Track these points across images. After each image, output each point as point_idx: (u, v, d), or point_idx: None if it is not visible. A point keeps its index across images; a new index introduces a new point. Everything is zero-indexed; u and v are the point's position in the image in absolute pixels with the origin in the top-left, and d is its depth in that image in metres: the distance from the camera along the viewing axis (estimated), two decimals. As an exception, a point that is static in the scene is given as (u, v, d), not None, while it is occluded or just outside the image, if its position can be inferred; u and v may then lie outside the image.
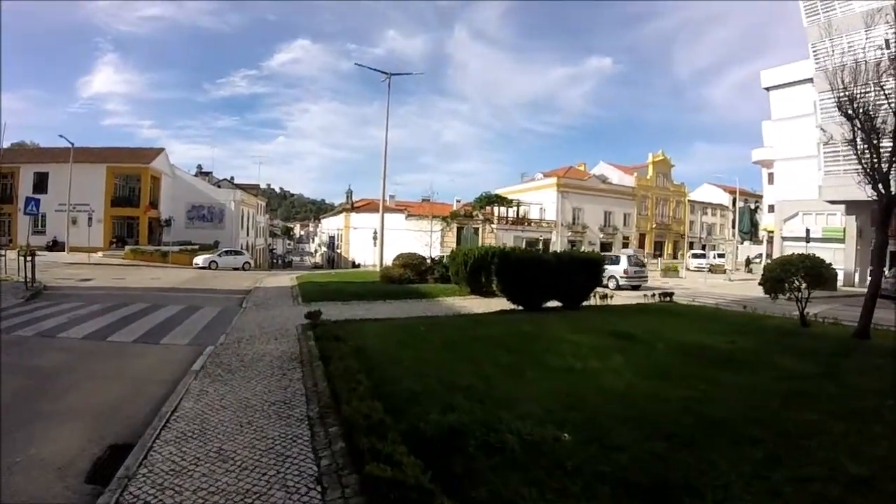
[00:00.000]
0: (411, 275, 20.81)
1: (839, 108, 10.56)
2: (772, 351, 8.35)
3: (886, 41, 25.45)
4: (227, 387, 5.87)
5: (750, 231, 45.13)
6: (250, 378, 6.23)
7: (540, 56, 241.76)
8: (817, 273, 11.57)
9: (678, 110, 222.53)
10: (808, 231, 25.75)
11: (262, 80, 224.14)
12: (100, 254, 31.89)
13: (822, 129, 12.50)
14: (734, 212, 60.23)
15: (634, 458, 3.79)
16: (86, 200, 33.32)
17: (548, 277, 11.93)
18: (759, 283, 12.66)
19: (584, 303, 14.04)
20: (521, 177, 58.80)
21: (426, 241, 38.71)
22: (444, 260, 24.44)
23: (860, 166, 10.19)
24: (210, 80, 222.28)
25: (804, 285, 11.45)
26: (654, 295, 16.46)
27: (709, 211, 62.23)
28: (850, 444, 4.22)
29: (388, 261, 32.40)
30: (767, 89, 37.66)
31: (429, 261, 22.84)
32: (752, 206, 51.71)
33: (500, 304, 14.74)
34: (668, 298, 16.28)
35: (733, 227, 57.78)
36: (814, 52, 28.72)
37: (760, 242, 49.28)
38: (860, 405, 5.34)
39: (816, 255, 12.21)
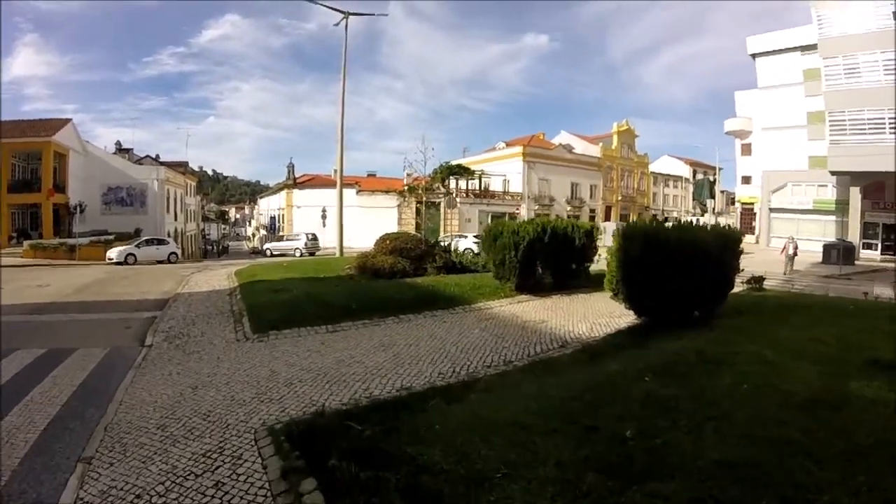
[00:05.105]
0: (406, 265, 15.64)
1: None
2: None
3: (894, 12, 23.13)
4: None
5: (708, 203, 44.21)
6: None
7: (476, 33, 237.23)
8: None
9: (613, 88, 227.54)
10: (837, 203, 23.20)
11: (190, 58, 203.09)
12: (-6, 253, 24.53)
13: None
14: (694, 183, 59.82)
15: None
16: (-25, 186, 25.63)
17: (702, 271, 7.43)
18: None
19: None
20: (464, 151, 54.65)
21: (382, 217, 33.49)
22: (466, 241, 21.20)
23: None
24: (136, 59, 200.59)
25: None
26: (746, 281, 12.87)
27: (670, 183, 61.32)
28: None
29: (347, 242, 27.11)
30: (754, 56, 35.68)
31: (423, 245, 17.61)
32: (711, 179, 50.99)
33: (584, 307, 10.33)
34: (758, 285, 13.08)
35: (694, 199, 57.20)
36: (818, 18, 26.54)
37: (719, 214, 48.57)
38: None
39: None
